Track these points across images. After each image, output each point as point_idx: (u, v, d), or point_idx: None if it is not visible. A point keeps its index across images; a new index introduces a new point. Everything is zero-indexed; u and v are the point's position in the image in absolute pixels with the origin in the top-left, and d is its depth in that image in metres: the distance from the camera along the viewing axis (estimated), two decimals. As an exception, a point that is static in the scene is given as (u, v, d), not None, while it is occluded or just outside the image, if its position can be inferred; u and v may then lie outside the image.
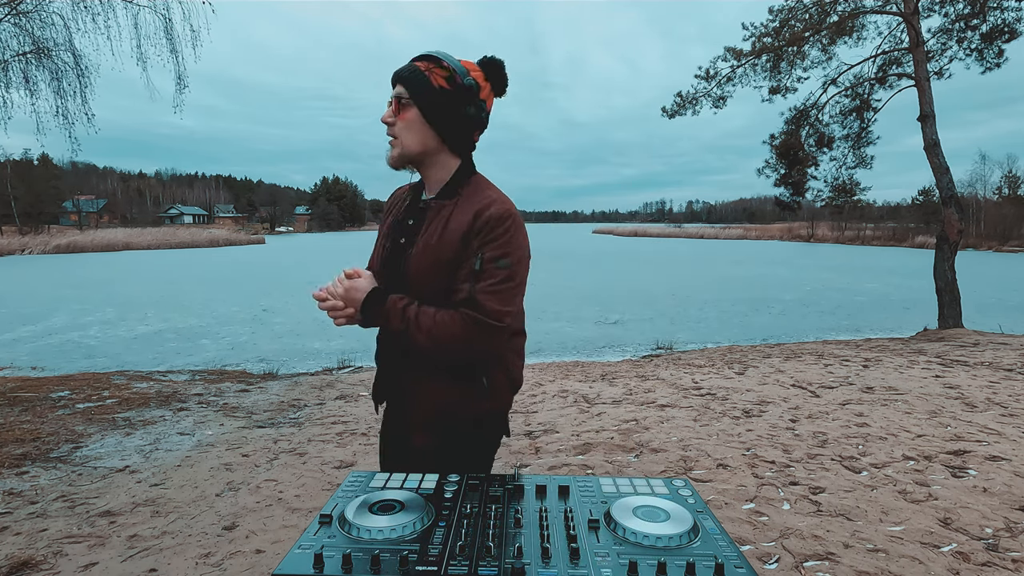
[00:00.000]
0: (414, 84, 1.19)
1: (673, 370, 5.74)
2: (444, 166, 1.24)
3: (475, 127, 1.23)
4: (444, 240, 1.15)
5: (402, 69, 1.22)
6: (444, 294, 1.15)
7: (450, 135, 1.22)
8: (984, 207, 48.32)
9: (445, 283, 1.15)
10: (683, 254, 36.63)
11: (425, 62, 1.21)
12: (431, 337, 1.11)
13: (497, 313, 1.11)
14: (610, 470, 2.99)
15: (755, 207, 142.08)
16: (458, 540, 0.80)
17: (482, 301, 1.10)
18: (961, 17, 9.24)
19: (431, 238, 1.18)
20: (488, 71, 1.24)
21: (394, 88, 1.22)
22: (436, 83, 1.19)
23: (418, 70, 1.19)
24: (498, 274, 1.12)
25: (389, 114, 1.21)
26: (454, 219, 1.17)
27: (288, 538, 2.31)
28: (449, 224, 1.16)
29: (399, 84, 1.20)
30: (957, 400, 4.13)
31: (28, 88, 6.58)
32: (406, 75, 1.20)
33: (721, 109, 10.61)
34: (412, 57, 1.24)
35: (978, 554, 2.06)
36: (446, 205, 1.20)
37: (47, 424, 3.82)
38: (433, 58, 1.20)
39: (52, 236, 42.93)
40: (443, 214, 1.19)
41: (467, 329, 1.10)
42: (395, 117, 1.21)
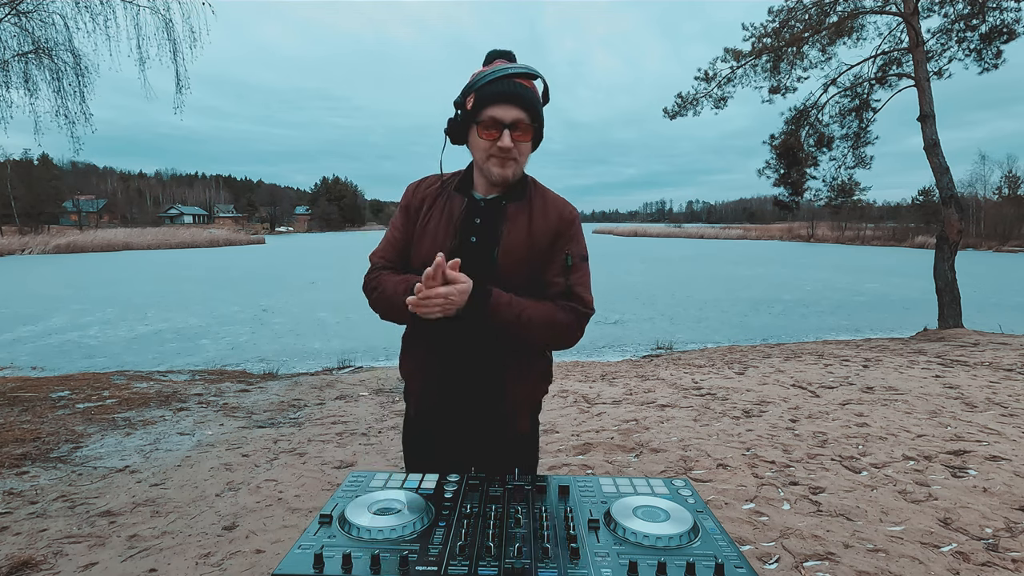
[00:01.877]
0: (535, 109, 1.20)
1: (673, 370, 5.74)
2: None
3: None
4: (534, 239, 1.24)
5: (520, 91, 1.18)
6: (529, 288, 1.23)
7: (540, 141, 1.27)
8: (984, 207, 48.31)
9: (532, 278, 1.24)
10: (683, 254, 36.63)
11: (528, 79, 1.21)
12: (549, 326, 1.22)
13: (590, 302, 1.28)
14: (610, 470, 2.99)
15: (755, 207, 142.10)
16: (458, 540, 0.80)
17: (580, 293, 1.26)
18: (961, 17, 9.24)
19: (518, 237, 1.23)
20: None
21: (507, 110, 1.17)
22: (542, 102, 1.23)
23: (534, 93, 1.21)
24: (583, 268, 1.29)
25: (508, 141, 1.18)
26: (537, 220, 1.25)
27: (288, 538, 2.31)
28: (533, 225, 1.25)
29: (517, 107, 1.17)
30: (957, 400, 4.13)
31: (28, 88, 6.58)
32: (528, 100, 1.18)
33: (722, 110, 10.62)
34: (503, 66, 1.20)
35: (978, 554, 2.06)
36: (522, 206, 1.26)
37: (47, 424, 3.82)
38: (533, 74, 1.21)
39: (52, 236, 42.93)
40: (522, 215, 1.25)
41: (577, 318, 1.25)
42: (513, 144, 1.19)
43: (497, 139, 1.18)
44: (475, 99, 1.19)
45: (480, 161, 1.24)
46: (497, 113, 1.17)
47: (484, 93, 1.18)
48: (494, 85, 1.17)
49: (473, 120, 1.20)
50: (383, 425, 3.94)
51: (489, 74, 1.17)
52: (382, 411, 4.33)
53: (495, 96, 1.16)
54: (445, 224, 1.27)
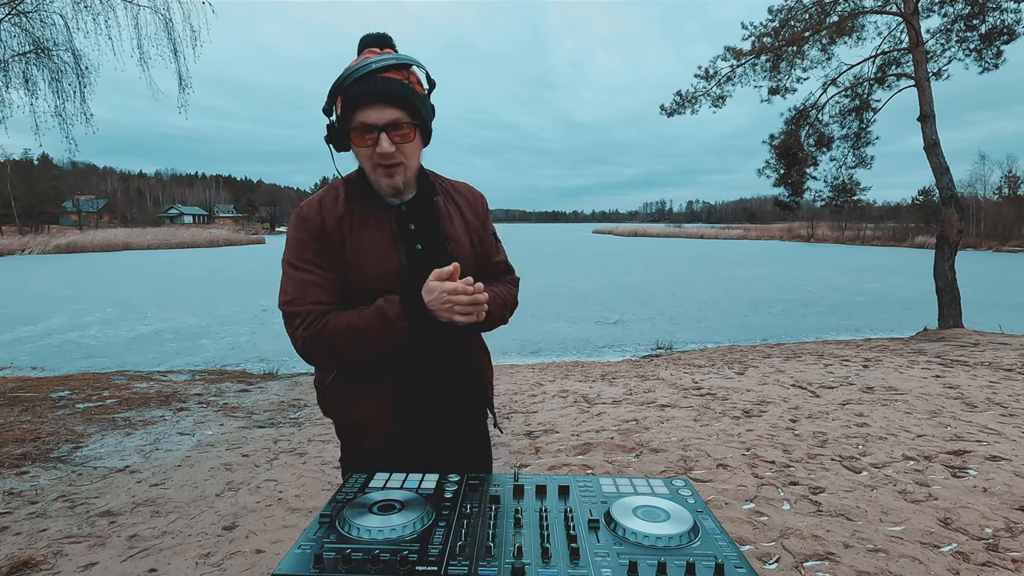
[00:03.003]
0: (409, 104, 1.06)
1: (673, 370, 5.74)
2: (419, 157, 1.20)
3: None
4: (470, 227, 1.26)
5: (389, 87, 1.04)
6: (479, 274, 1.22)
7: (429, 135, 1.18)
8: (984, 207, 48.32)
9: (479, 264, 1.28)
10: (683, 254, 36.63)
11: (398, 71, 1.06)
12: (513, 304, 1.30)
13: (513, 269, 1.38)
14: (610, 470, 2.99)
15: (755, 207, 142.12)
16: (458, 540, 0.80)
17: (511, 265, 1.38)
18: (961, 17, 9.24)
19: (458, 230, 1.23)
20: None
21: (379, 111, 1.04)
22: (420, 92, 1.10)
23: (407, 87, 1.06)
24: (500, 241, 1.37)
25: (388, 146, 1.05)
26: (464, 208, 1.26)
27: (288, 538, 2.31)
28: (464, 213, 1.26)
29: (390, 106, 1.04)
30: (957, 400, 4.13)
31: (28, 88, 6.58)
32: (401, 95, 1.05)
33: (720, 108, 10.62)
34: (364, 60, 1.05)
35: (978, 554, 2.06)
36: (442, 200, 1.23)
37: (47, 424, 3.82)
38: (403, 64, 1.07)
39: (52, 236, 42.93)
40: (451, 207, 1.24)
41: (516, 291, 1.33)
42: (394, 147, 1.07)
43: (375, 145, 1.06)
44: (342, 103, 1.06)
45: (368, 171, 1.12)
46: (368, 117, 1.04)
47: (349, 95, 1.04)
48: (359, 85, 1.03)
49: (345, 127, 1.07)
50: (383, 425, 3.94)
51: (352, 72, 1.03)
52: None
53: (361, 97, 1.03)
54: (382, 242, 1.14)
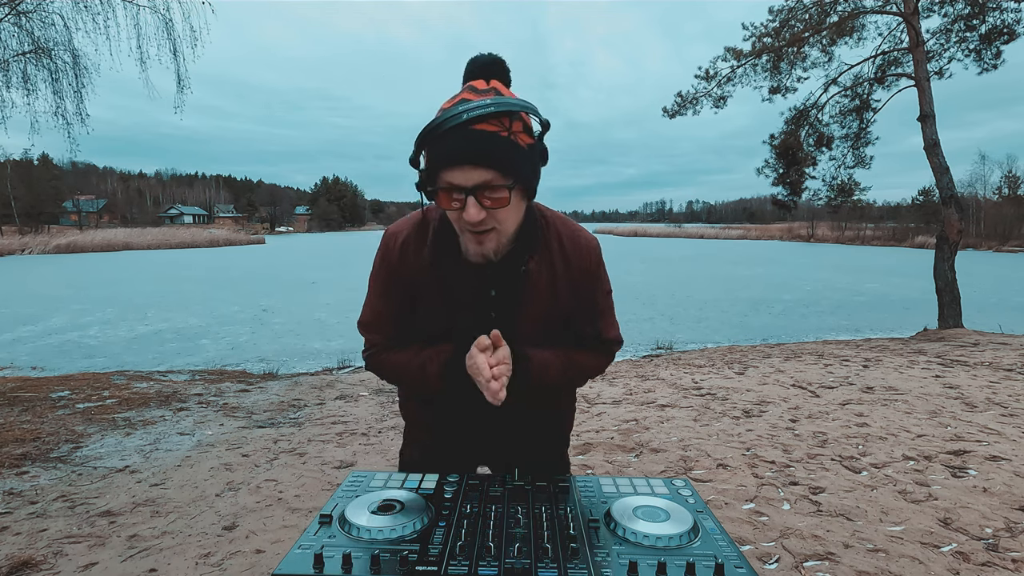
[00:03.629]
0: (505, 162, 0.89)
1: (673, 370, 5.74)
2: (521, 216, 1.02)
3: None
4: (558, 299, 1.09)
5: (481, 143, 0.87)
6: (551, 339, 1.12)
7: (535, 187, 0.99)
8: (984, 207, 48.33)
9: (554, 332, 1.13)
10: (683, 254, 36.63)
11: (496, 120, 0.88)
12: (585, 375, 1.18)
13: (619, 338, 1.20)
14: (610, 470, 2.99)
15: (755, 207, 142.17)
16: (458, 540, 0.80)
17: (611, 336, 1.18)
18: (961, 17, 9.24)
19: (540, 301, 1.08)
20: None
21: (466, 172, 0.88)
22: (523, 145, 0.91)
23: (505, 141, 0.88)
24: (609, 304, 1.18)
25: (476, 213, 0.90)
26: (560, 278, 1.08)
27: (288, 538, 2.31)
28: (557, 284, 1.08)
29: (479, 167, 0.87)
30: (957, 400, 4.13)
31: (27, 88, 6.59)
32: (494, 154, 0.87)
33: (721, 109, 10.62)
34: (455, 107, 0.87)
35: (978, 554, 2.06)
36: (538, 263, 1.06)
37: (47, 424, 3.82)
38: (506, 112, 0.89)
39: (52, 236, 42.94)
40: (543, 274, 1.07)
41: (608, 357, 1.20)
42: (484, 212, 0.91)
43: (462, 208, 0.91)
44: (427, 158, 0.92)
45: (457, 231, 0.99)
46: (454, 178, 0.89)
47: (434, 152, 0.90)
48: (446, 139, 0.87)
49: (430, 186, 0.93)
50: (383, 425, 3.94)
51: (440, 123, 0.87)
52: (382, 411, 4.33)
53: (447, 157, 0.88)
54: (455, 302, 1.07)
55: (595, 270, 1.12)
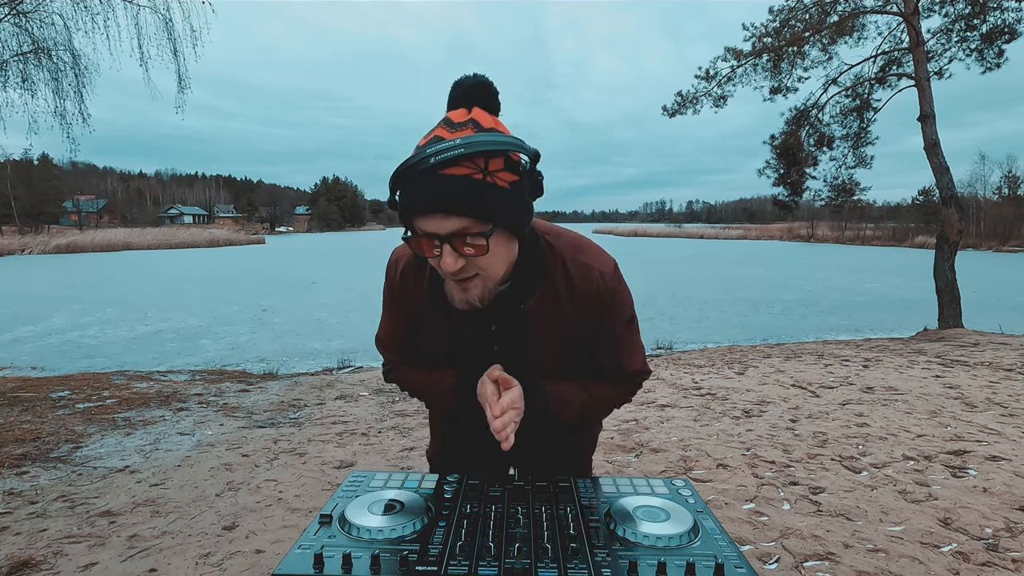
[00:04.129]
0: (481, 208, 0.81)
1: (673, 370, 5.74)
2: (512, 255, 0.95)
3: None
4: (568, 329, 1.03)
5: (452, 190, 0.79)
6: (571, 368, 1.08)
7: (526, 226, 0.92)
8: (984, 207, 48.33)
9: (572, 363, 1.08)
10: (683, 254, 36.63)
11: (469, 162, 0.80)
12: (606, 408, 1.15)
13: (644, 367, 1.12)
14: (610, 470, 2.99)
15: (755, 207, 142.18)
16: (458, 540, 0.80)
17: (632, 367, 1.09)
18: (961, 17, 9.24)
19: (549, 334, 1.02)
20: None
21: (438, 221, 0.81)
22: (503, 185, 0.83)
23: (479, 185, 0.80)
24: (632, 330, 1.09)
25: (452, 263, 0.83)
26: (566, 310, 1.01)
27: (288, 538, 2.31)
28: (564, 316, 1.01)
29: (452, 215, 0.80)
30: (957, 400, 4.13)
31: (26, 88, 6.59)
32: (467, 200, 0.80)
33: (722, 108, 10.62)
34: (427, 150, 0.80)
35: (978, 554, 2.06)
36: (544, 299, 1.00)
37: (47, 424, 3.82)
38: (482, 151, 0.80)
39: (52, 236, 42.95)
40: (548, 307, 1.00)
41: (630, 393, 1.15)
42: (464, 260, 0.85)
43: (439, 257, 0.84)
44: (400, 203, 0.85)
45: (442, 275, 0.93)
46: (427, 226, 0.82)
47: (406, 197, 0.82)
48: (416, 185, 0.80)
49: (408, 229, 0.86)
50: (383, 425, 3.94)
51: (409, 166, 0.80)
52: (382, 411, 4.33)
53: (418, 204, 0.81)
54: (452, 341, 1.05)
55: (608, 297, 1.02)
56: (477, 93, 0.87)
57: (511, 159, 0.85)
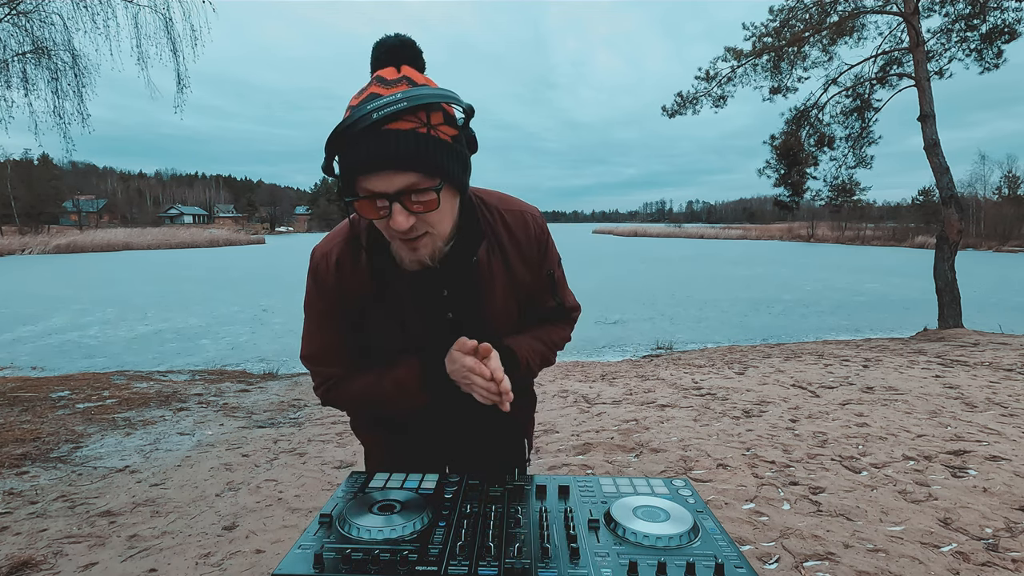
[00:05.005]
0: (429, 162, 0.80)
1: (673, 370, 5.74)
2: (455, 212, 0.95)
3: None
4: (516, 280, 1.05)
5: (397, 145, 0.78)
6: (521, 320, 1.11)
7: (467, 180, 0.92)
8: (984, 207, 48.34)
9: (521, 313, 1.11)
10: (683, 254, 36.63)
11: (411, 116, 0.79)
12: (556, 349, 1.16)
13: (578, 305, 1.20)
14: (610, 470, 2.99)
15: (755, 207, 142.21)
16: (458, 540, 0.80)
17: (569, 304, 1.18)
18: (961, 17, 9.24)
19: (500, 289, 1.03)
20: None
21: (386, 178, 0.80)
22: (445, 139, 0.83)
23: (424, 139, 0.80)
24: (561, 272, 1.16)
25: (404, 220, 0.82)
26: (512, 259, 1.04)
27: (288, 538, 2.31)
28: (511, 266, 1.04)
29: (401, 171, 0.79)
30: (957, 400, 4.13)
31: (26, 88, 6.59)
32: (415, 154, 0.79)
33: (722, 108, 10.62)
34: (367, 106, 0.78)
35: (978, 554, 2.06)
36: (489, 251, 1.01)
37: (47, 424, 3.82)
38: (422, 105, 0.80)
39: (52, 236, 42.96)
40: (495, 260, 1.02)
41: (571, 325, 1.20)
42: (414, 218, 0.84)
43: (388, 216, 0.82)
44: (341, 165, 0.82)
45: (388, 238, 0.91)
46: (374, 185, 0.80)
47: (348, 158, 0.80)
48: (357, 144, 0.78)
49: (348, 196, 0.84)
50: (383, 425, 3.94)
51: (348, 124, 0.78)
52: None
53: (362, 163, 0.79)
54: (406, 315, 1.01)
55: (544, 239, 1.09)
56: (403, 53, 0.86)
57: (448, 113, 0.85)
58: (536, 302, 1.12)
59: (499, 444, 1.23)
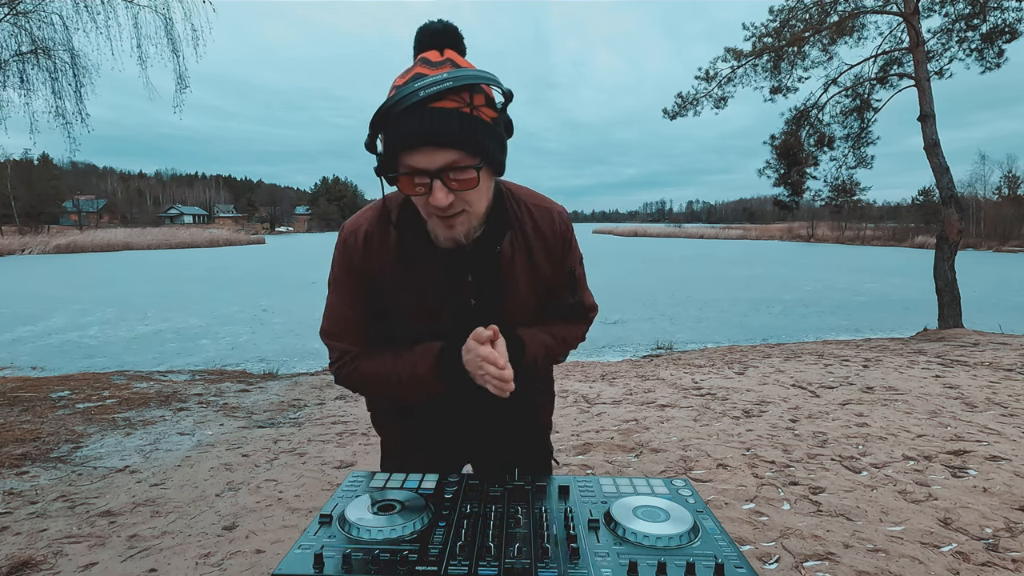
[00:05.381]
0: (471, 141, 0.83)
1: (673, 370, 5.74)
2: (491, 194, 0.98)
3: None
4: (538, 274, 1.07)
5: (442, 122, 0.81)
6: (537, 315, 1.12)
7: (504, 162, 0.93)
8: (984, 207, 48.34)
9: (539, 309, 1.12)
10: (683, 254, 36.63)
11: (455, 95, 0.82)
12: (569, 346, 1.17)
13: (595, 305, 1.20)
14: (610, 470, 2.99)
15: (755, 207, 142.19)
16: (458, 540, 0.80)
17: (588, 303, 1.18)
18: (961, 17, 9.24)
19: (523, 281, 1.05)
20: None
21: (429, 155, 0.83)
22: (487, 119, 0.86)
23: (468, 119, 0.82)
24: (582, 271, 1.17)
25: (444, 197, 0.85)
26: (537, 251, 1.05)
27: (288, 538, 2.31)
28: (534, 259, 1.05)
29: (445, 148, 0.82)
30: (957, 400, 4.13)
31: (26, 88, 6.59)
32: (458, 132, 0.82)
33: (722, 109, 10.62)
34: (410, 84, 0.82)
35: (978, 554, 2.06)
36: (511, 241, 1.03)
37: (47, 424, 3.82)
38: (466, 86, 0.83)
39: (52, 236, 42.96)
40: (519, 251, 1.03)
41: (588, 324, 1.20)
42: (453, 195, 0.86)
43: (428, 193, 0.85)
44: (384, 142, 0.86)
45: (424, 216, 0.94)
46: (416, 162, 0.83)
47: (392, 134, 0.83)
48: (403, 120, 0.81)
49: (390, 171, 0.87)
50: (383, 425, 3.94)
51: (394, 102, 0.81)
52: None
53: (407, 139, 0.82)
54: (430, 297, 1.01)
55: (568, 237, 1.11)
56: (446, 37, 0.89)
57: (489, 96, 0.88)
58: (555, 298, 1.13)
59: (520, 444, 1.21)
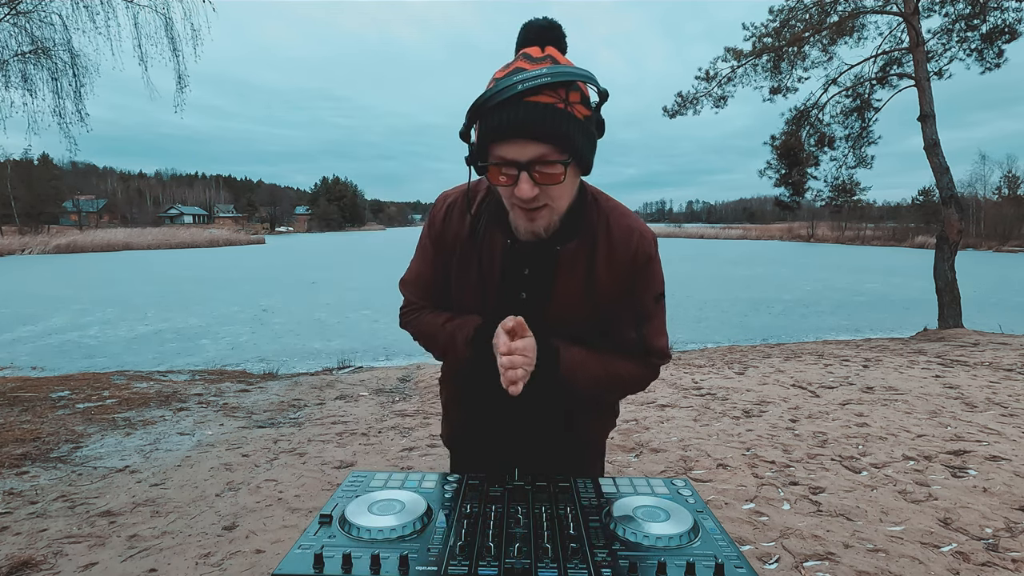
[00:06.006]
0: (562, 136, 0.84)
1: (673, 370, 5.74)
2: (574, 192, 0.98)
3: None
4: (596, 290, 1.01)
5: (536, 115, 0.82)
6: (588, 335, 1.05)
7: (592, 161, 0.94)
8: (984, 207, 48.35)
9: (589, 329, 1.05)
10: (683, 254, 36.62)
11: (552, 91, 0.83)
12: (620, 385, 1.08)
13: (666, 351, 1.09)
14: (610, 470, 2.99)
15: (755, 207, 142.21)
16: (458, 540, 0.80)
17: (656, 345, 1.06)
18: (961, 17, 9.24)
19: (574, 290, 1.01)
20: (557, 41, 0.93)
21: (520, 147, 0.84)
22: (580, 116, 0.87)
23: (562, 114, 0.84)
24: (660, 310, 1.06)
25: (529, 190, 0.86)
26: (600, 268, 1.00)
27: (288, 538, 2.31)
28: (596, 273, 1.00)
29: (536, 141, 0.83)
30: (957, 400, 4.13)
31: (25, 88, 6.59)
32: (550, 127, 0.83)
33: (722, 109, 10.62)
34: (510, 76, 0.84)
35: (978, 554, 2.06)
36: (582, 248, 1.00)
37: (47, 424, 3.82)
38: (563, 82, 0.84)
39: (52, 236, 42.96)
40: (581, 261, 1.00)
41: (652, 372, 1.09)
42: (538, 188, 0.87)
43: (514, 184, 0.87)
44: (478, 131, 0.88)
45: (507, 207, 0.95)
46: (507, 152, 0.85)
47: (487, 124, 0.85)
48: (499, 111, 0.83)
49: (481, 161, 0.89)
50: (383, 425, 3.94)
51: (492, 94, 0.83)
52: (382, 411, 4.33)
53: (500, 130, 0.84)
54: (487, 276, 1.03)
55: (643, 262, 1.01)
56: (549, 34, 0.91)
57: (584, 94, 0.89)
58: (615, 327, 1.05)
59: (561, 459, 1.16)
